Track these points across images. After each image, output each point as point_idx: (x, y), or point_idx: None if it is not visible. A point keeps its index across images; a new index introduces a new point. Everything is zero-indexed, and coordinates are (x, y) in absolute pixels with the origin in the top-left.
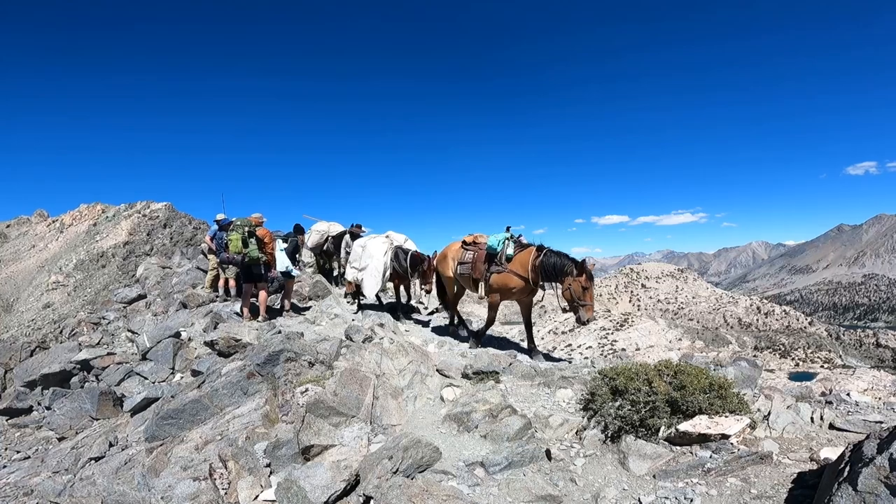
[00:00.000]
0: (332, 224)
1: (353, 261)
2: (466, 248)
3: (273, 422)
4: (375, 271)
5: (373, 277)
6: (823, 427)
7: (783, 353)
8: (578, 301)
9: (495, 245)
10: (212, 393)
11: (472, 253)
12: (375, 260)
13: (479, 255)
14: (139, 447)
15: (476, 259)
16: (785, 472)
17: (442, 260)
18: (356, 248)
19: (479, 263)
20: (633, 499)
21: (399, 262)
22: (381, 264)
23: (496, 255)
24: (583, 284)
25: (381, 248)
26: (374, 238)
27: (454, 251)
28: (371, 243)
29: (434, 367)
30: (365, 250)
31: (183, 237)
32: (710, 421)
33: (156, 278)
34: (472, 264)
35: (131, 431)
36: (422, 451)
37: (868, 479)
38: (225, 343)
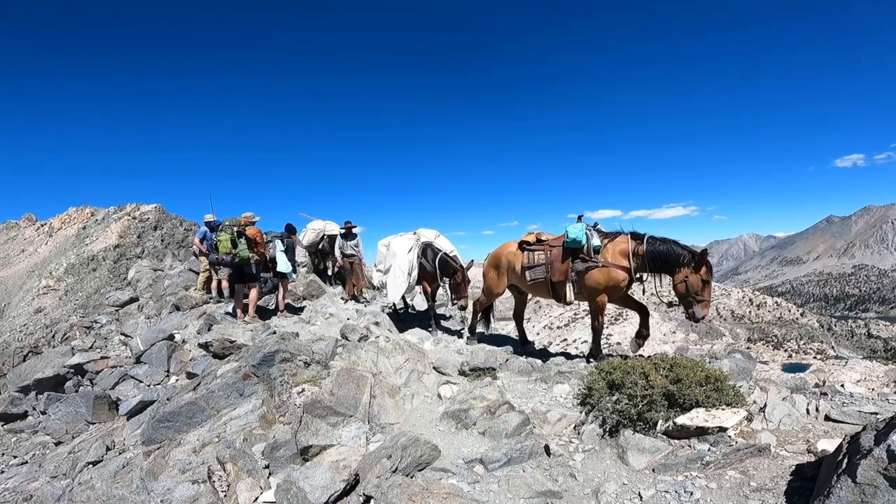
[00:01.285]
0: (329, 223)
1: (377, 263)
2: (530, 249)
3: (270, 423)
4: (400, 272)
5: (396, 279)
6: (819, 419)
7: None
8: (695, 296)
9: (579, 237)
10: (208, 395)
11: (541, 253)
12: (399, 259)
13: (555, 253)
14: (136, 451)
15: (552, 258)
16: (783, 465)
17: (495, 268)
18: (380, 249)
19: (558, 263)
20: (633, 493)
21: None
22: (406, 263)
23: (580, 250)
24: (703, 278)
25: (406, 245)
26: (400, 236)
27: (511, 256)
28: (395, 241)
29: (430, 364)
30: (389, 249)
31: (174, 239)
32: (708, 414)
33: (147, 281)
34: (546, 266)
35: (128, 435)
36: (420, 449)
37: (867, 471)
38: (219, 345)
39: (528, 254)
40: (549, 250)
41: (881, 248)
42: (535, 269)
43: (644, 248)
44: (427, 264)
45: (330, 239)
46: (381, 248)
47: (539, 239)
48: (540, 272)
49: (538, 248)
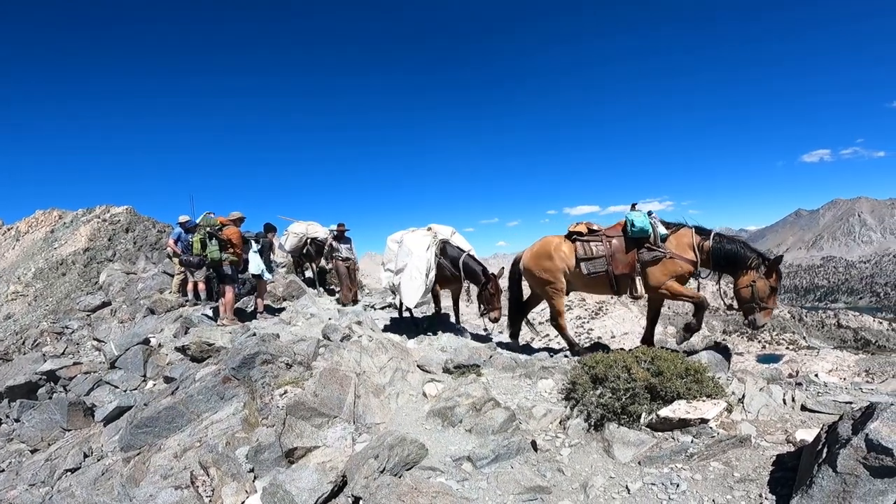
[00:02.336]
0: (311, 224)
1: (386, 262)
2: (584, 240)
3: (253, 426)
4: (417, 272)
5: (413, 281)
6: (796, 408)
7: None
8: (759, 303)
9: (646, 226)
10: (186, 399)
11: (600, 244)
12: (416, 258)
13: (617, 243)
14: (115, 457)
15: (614, 249)
16: (764, 455)
17: (540, 262)
18: (390, 246)
19: (621, 254)
20: (620, 486)
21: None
22: (424, 263)
23: (645, 239)
24: (772, 285)
25: (423, 242)
26: (412, 231)
27: (560, 248)
28: (409, 238)
29: (414, 362)
30: (402, 247)
31: (147, 241)
32: (689, 406)
33: (120, 284)
34: (608, 257)
35: (105, 441)
36: (407, 448)
37: (847, 461)
38: (197, 348)
39: (583, 245)
40: (607, 241)
41: (848, 240)
42: (594, 261)
43: (710, 244)
44: (447, 265)
45: (314, 242)
46: (390, 244)
47: (591, 229)
48: (600, 264)
49: (594, 239)
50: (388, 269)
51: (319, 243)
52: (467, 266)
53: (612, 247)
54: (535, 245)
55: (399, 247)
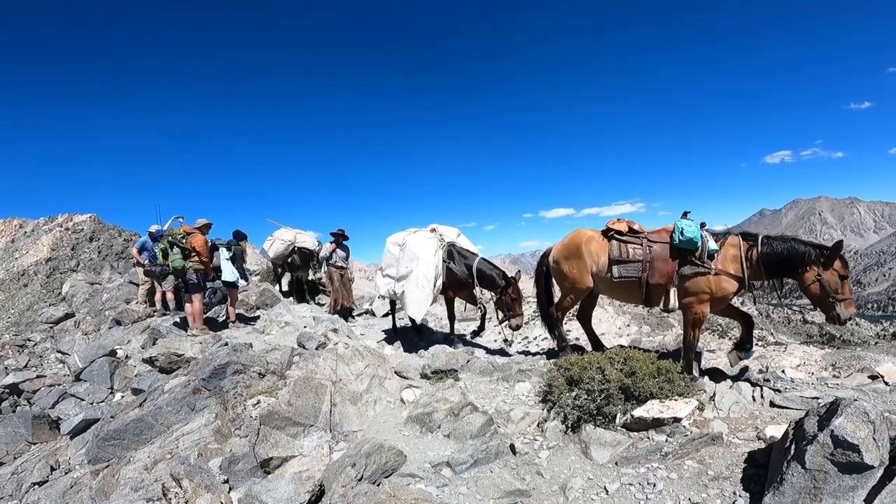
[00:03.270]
0: (300, 232)
1: (384, 267)
2: (622, 241)
3: (226, 436)
4: (424, 280)
5: (421, 289)
6: (765, 405)
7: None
8: (835, 296)
9: (696, 238)
10: (155, 411)
11: (637, 247)
12: (422, 264)
13: (658, 250)
14: (83, 470)
15: (653, 256)
16: (736, 452)
17: (575, 260)
18: (390, 249)
19: (661, 262)
20: (599, 487)
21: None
22: (432, 269)
23: (692, 252)
24: (840, 273)
25: (430, 246)
26: (413, 232)
27: (593, 245)
28: (413, 240)
29: (392, 369)
30: (405, 251)
31: (112, 250)
32: (662, 405)
33: (84, 295)
34: (645, 263)
35: (73, 454)
36: (385, 455)
37: (815, 457)
38: (166, 359)
39: (620, 245)
40: (647, 246)
41: (810, 238)
42: (628, 265)
43: (759, 250)
44: (458, 270)
45: (300, 251)
46: (390, 247)
47: (632, 228)
48: (633, 269)
49: (633, 241)
50: (387, 275)
51: (307, 253)
52: (482, 271)
53: (653, 252)
54: (566, 238)
55: (401, 250)
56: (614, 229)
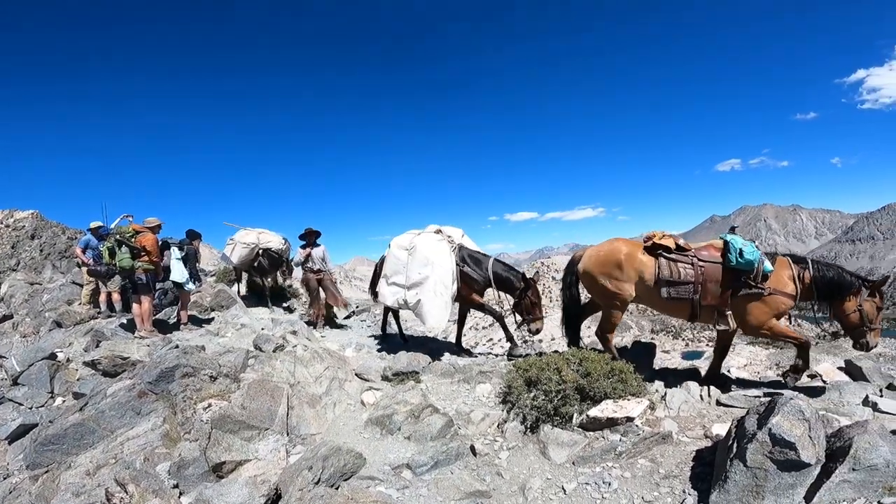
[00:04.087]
0: (263, 232)
1: (390, 273)
2: (671, 259)
3: (175, 441)
4: (442, 286)
5: (439, 297)
6: (712, 403)
7: (675, 335)
8: (869, 325)
9: (755, 258)
10: (97, 415)
11: (688, 266)
12: (439, 269)
13: (710, 270)
14: (22, 475)
15: (707, 277)
16: (685, 451)
17: (606, 270)
18: (396, 254)
19: (714, 284)
20: (557, 487)
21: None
22: (449, 274)
23: (747, 273)
24: (878, 305)
25: (442, 248)
26: (416, 234)
27: (636, 261)
28: (423, 243)
29: (352, 371)
30: (415, 255)
31: (55, 249)
32: (616, 405)
33: (23, 296)
34: (697, 284)
35: (11, 459)
36: (343, 458)
37: (755, 455)
38: (109, 362)
39: (668, 264)
40: (699, 265)
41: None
42: (679, 286)
43: (810, 273)
44: (474, 273)
45: (267, 253)
46: (396, 252)
47: (678, 245)
48: (685, 290)
49: (682, 260)
50: (393, 283)
51: (274, 254)
52: (499, 274)
53: (705, 274)
54: (602, 249)
55: (409, 255)
56: (662, 245)
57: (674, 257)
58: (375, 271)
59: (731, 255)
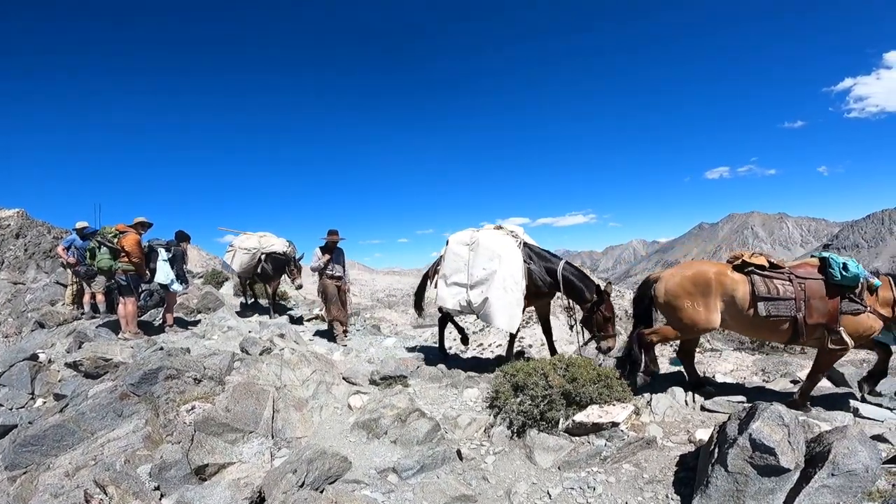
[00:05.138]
0: (265, 236)
1: (449, 273)
2: (765, 276)
3: (157, 443)
4: (512, 282)
5: (510, 293)
6: (696, 409)
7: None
8: None
9: (861, 274)
10: (77, 417)
11: (788, 283)
12: (507, 264)
13: (812, 286)
14: (1, 476)
15: (809, 294)
16: (669, 455)
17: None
18: (455, 251)
19: (818, 300)
20: (542, 492)
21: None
22: (520, 269)
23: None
24: None
25: (509, 242)
26: (476, 231)
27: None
28: (486, 237)
29: (340, 375)
30: (478, 250)
31: (40, 248)
32: (601, 410)
33: (6, 296)
34: (798, 301)
35: None
36: (328, 461)
37: (736, 460)
38: (91, 363)
39: (763, 281)
40: (798, 282)
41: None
42: (778, 303)
43: None
44: (540, 274)
45: (270, 257)
46: (456, 248)
47: (771, 263)
48: (785, 308)
49: (778, 276)
50: (453, 283)
51: (280, 259)
52: (569, 280)
53: (807, 290)
54: (686, 271)
55: (472, 251)
56: (753, 263)
57: (769, 274)
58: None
59: (835, 270)
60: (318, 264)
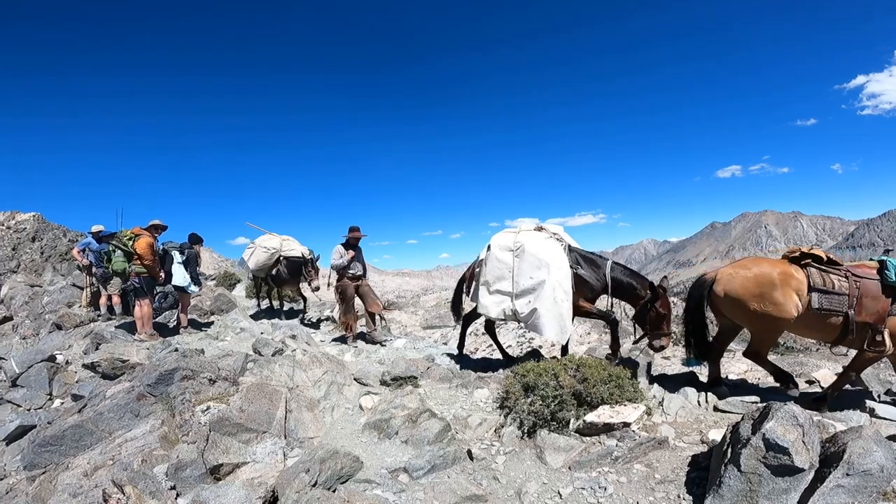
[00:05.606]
0: (287, 239)
1: (492, 280)
2: (824, 270)
3: (173, 443)
4: (562, 292)
5: (560, 304)
6: (709, 409)
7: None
8: None
9: None
10: (96, 417)
11: (843, 279)
12: (556, 271)
13: (868, 286)
14: (19, 476)
15: (863, 292)
16: (681, 456)
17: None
18: (498, 256)
19: (871, 300)
20: (553, 492)
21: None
22: (568, 278)
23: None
24: None
25: (556, 248)
26: (523, 232)
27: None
28: (533, 242)
29: (351, 375)
30: (524, 257)
31: (56, 251)
32: (612, 410)
33: (23, 298)
34: (852, 298)
35: (9, 461)
36: (340, 461)
37: (749, 460)
38: (109, 364)
39: (820, 273)
40: (854, 280)
41: (756, 250)
42: (832, 296)
43: None
44: (589, 278)
45: (288, 262)
46: (499, 254)
47: (829, 259)
48: (838, 302)
49: (835, 271)
50: (497, 291)
51: (296, 263)
52: (619, 280)
53: (861, 288)
54: (749, 269)
55: (516, 257)
56: (812, 254)
57: (825, 268)
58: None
59: (890, 272)
60: (342, 261)
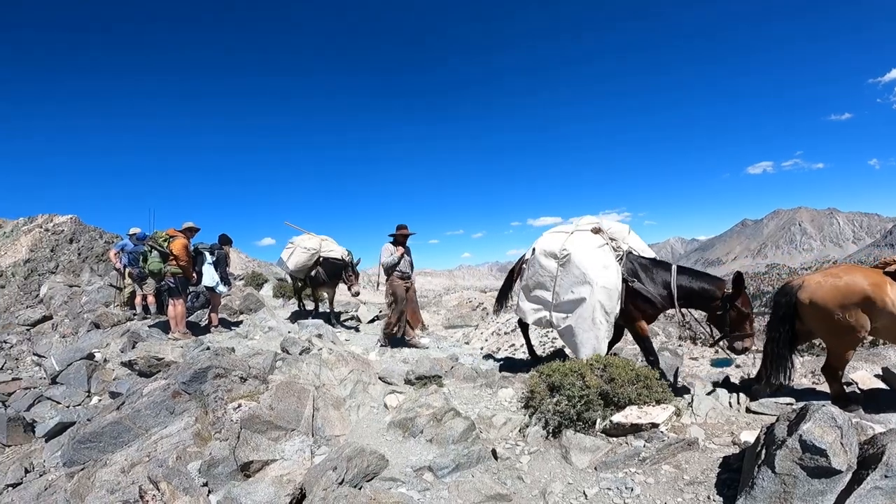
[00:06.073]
0: (326, 240)
1: (532, 285)
2: None
3: (206, 440)
4: (602, 314)
5: (597, 328)
6: (741, 411)
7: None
8: None
9: None
10: (133, 414)
11: None
12: (600, 290)
13: None
14: (58, 472)
15: None
16: (712, 457)
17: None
18: (542, 262)
19: None
20: (578, 492)
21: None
22: (614, 297)
23: None
24: None
25: (604, 259)
26: (576, 234)
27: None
28: (579, 251)
29: (376, 374)
30: (568, 268)
31: (93, 253)
32: (640, 411)
33: (62, 298)
34: None
35: (48, 457)
36: (367, 459)
37: (784, 461)
38: (145, 362)
39: None
40: None
41: (790, 248)
42: None
43: None
44: (648, 293)
45: (327, 263)
46: (543, 260)
47: None
48: None
49: None
50: (535, 297)
51: (337, 265)
52: (689, 288)
53: None
54: (839, 278)
55: (561, 267)
56: None
57: None
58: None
59: None
60: (392, 259)
